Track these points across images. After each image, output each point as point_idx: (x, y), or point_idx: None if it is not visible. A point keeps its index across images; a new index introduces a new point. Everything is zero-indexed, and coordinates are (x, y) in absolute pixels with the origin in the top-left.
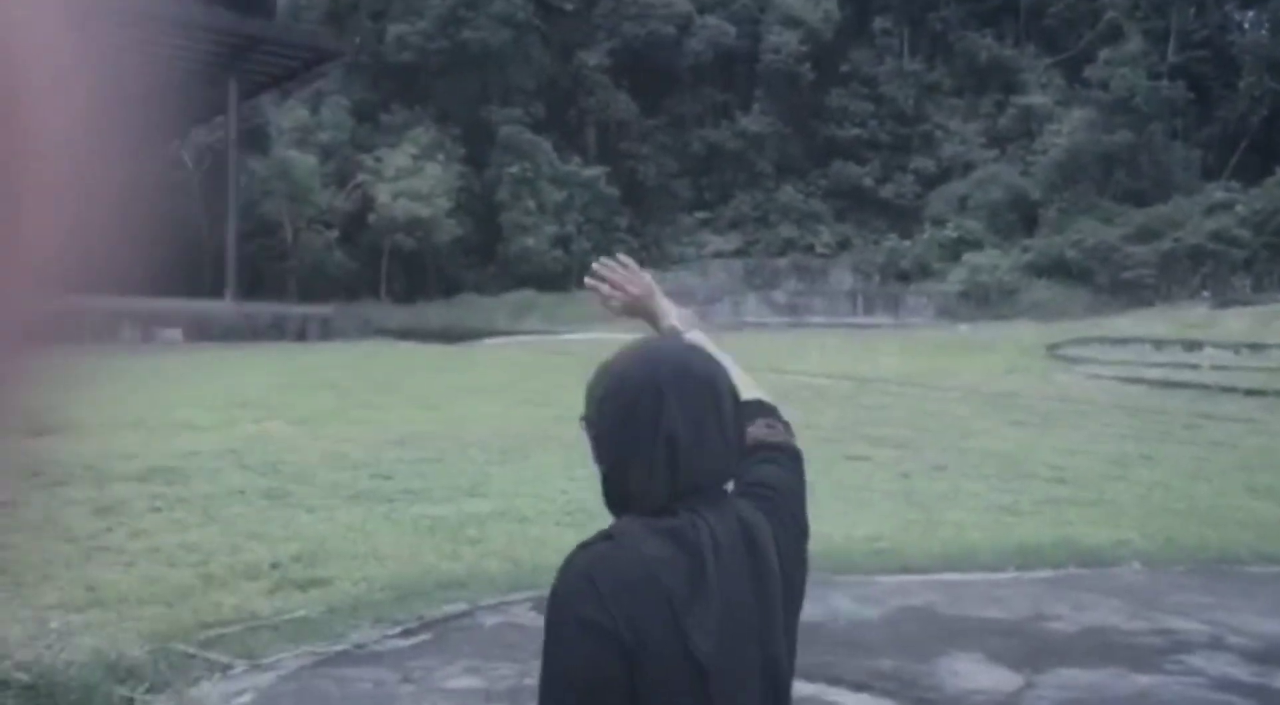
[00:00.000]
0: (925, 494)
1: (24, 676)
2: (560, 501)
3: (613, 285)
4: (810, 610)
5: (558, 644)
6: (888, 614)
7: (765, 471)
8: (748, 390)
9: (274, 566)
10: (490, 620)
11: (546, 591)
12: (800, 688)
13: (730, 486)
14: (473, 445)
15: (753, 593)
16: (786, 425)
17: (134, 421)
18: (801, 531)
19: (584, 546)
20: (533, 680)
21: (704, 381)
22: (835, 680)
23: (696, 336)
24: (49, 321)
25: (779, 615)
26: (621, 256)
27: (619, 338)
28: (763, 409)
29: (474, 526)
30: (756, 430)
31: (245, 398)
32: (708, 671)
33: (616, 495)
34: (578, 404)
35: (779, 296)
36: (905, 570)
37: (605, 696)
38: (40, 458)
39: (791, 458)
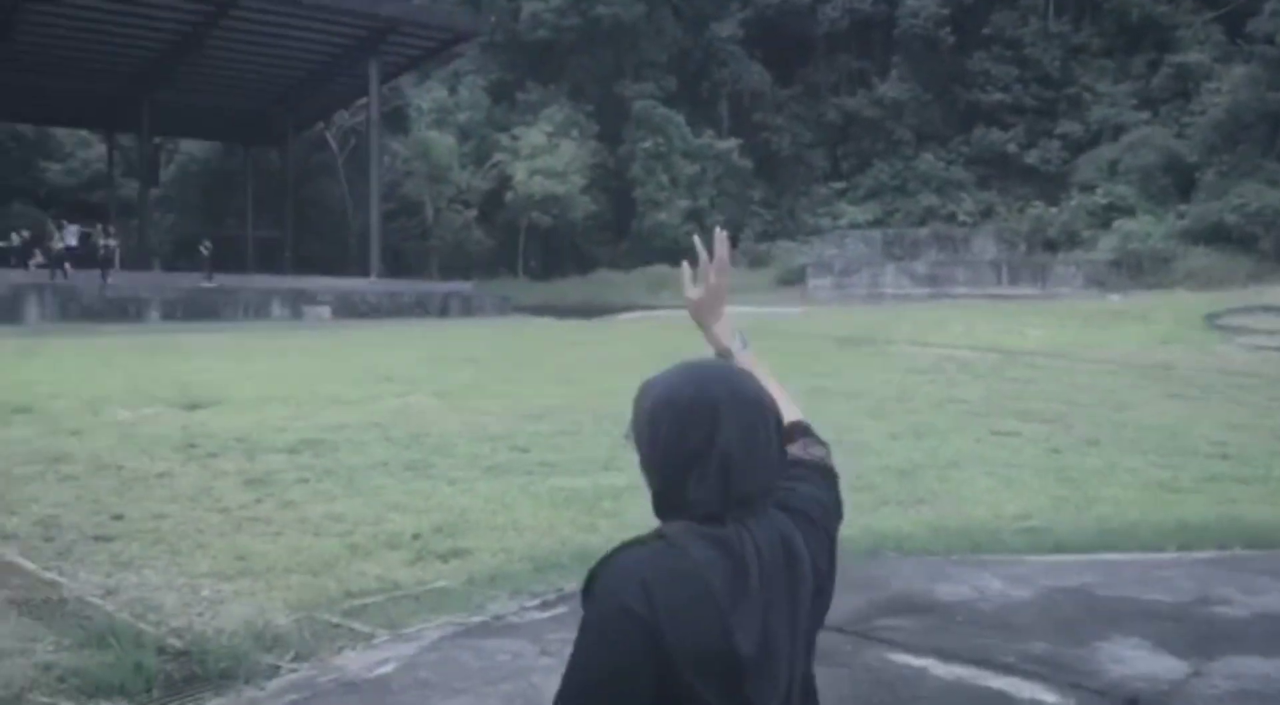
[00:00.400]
0: (1077, 470)
1: (177, 643)
2: None
3: (709, 270)
4: (956, 589)
5: (596, 632)
6: (1040, 595)
7: (802, 489)
8: (789, 412)
9: (415, 537)
10: None
11: None
12: (948, 670)
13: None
14: (609, 419)
15: (788, 602)
16: (824, 445)
17: (284, 396)
18: (833, 546)
19: (630, 544)
20: None
21: (754, 402)
22: (984, 663)
23: (748, 358)
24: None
25: (806, 624)
26: (719, 234)
27: (749, 311)
28: (801, 430)
29: (610, 499)
30: (795, 449)
31: (390, 372)
32: (748, 672)
33: (668, 505)
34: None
35: (919, 267)
36: (1058, 549)
37: (628, 685)
38: (196, 431)
39: (825, 477)
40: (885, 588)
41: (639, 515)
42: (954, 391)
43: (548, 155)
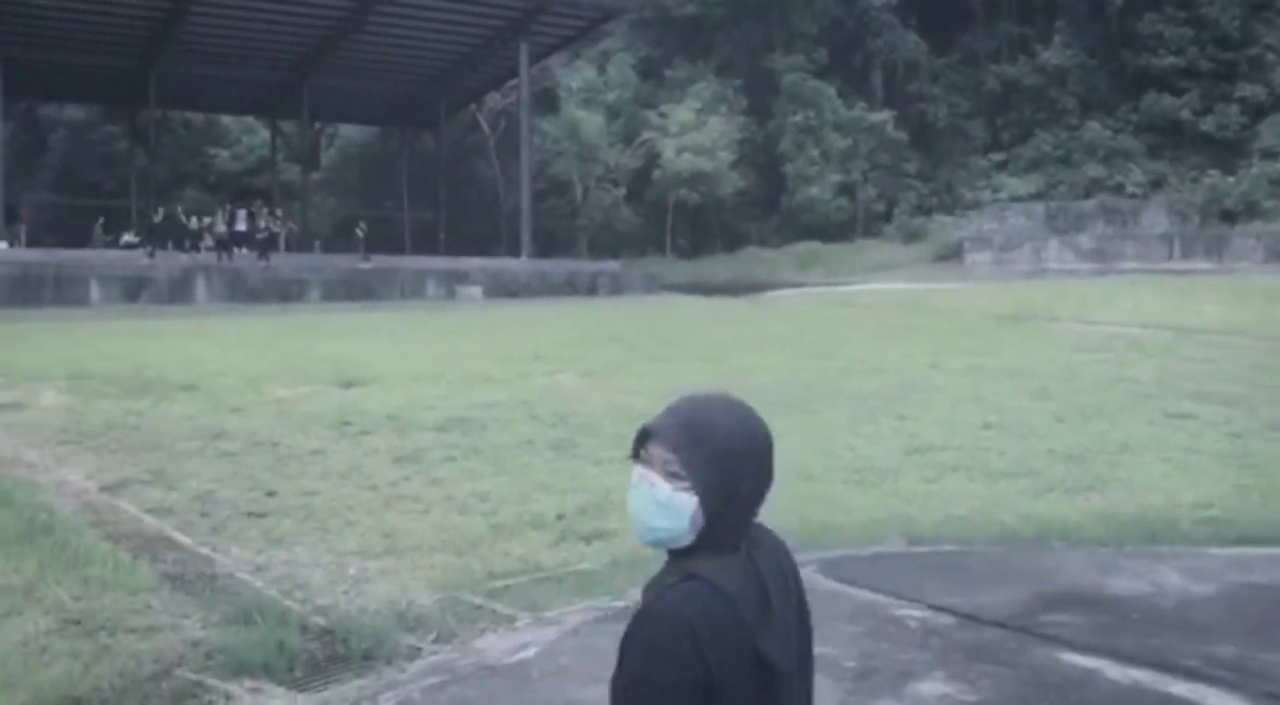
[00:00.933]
0: (1263, 456)
1: (321, 621)
2: (847, 459)
3: None
4: (1131, 584)
5: (648, 684)
6: (1225, 591)
7: None
8: None
9: (559, 517)
10: None
11: (835, 553)
12: (1123, 673)
13: None
14: (756, 398)
15: (796, 617)
16: None
17: (435, 374)
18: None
19: (673, 588)
20: (819, 649)
21: (765, 441)
22: (1164, 666)
23: None
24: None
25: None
26: None
27: (903, 288)
28: None
29: None
30: None
31: (538, 351)
32: (782, 677)
33: (705, 541)
34: (865, 357)
35: (1084, 241)
36: (1243, 541)
37: None
38: (349, 409)
39: None
40: (1051, 580)
41: (787, 501)
42: (1123, 371)
43: (696, 132)
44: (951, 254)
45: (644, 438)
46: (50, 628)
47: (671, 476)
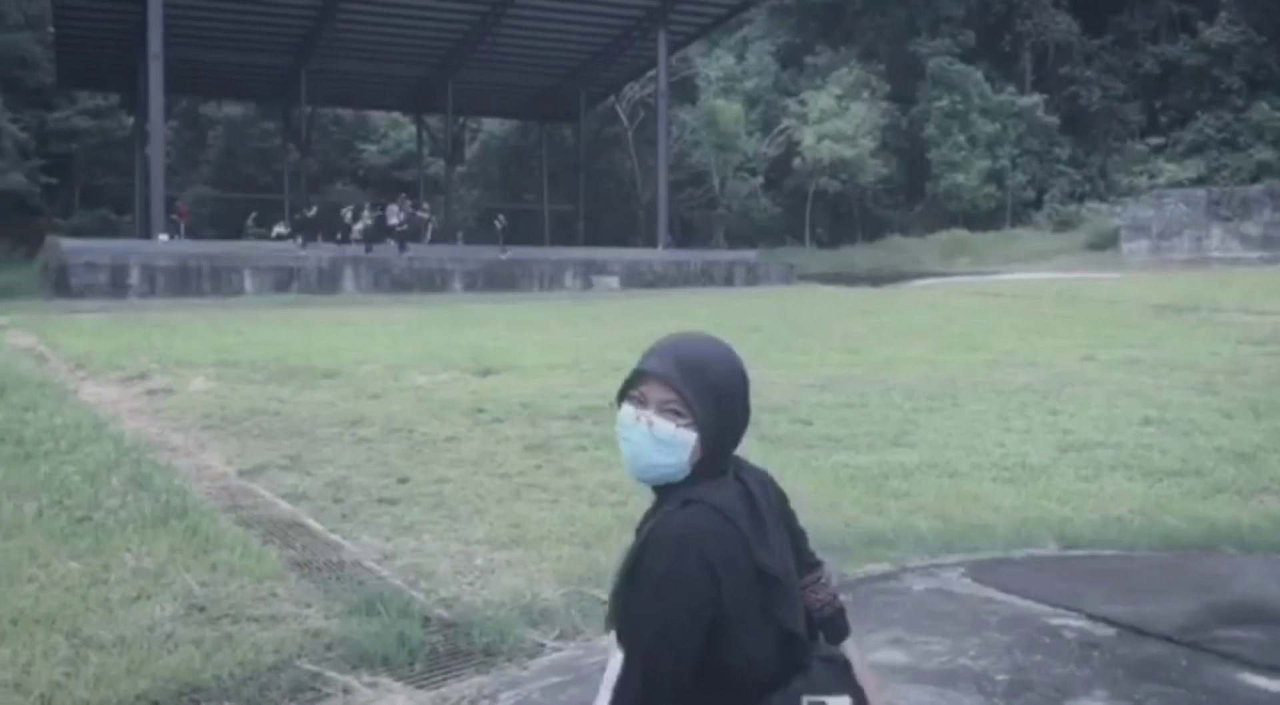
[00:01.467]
0: None
1: (445, 613)
2: (995, 455)
3: None
4: None
5: (665, 595)
6: None
7: None
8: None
9: None
10: (919, 584)
11: (983, 556)
12: None
13: None
14: (898, 391)
15: (786, 531)
16: None
17: (570, 363)
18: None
19: (676, 513)
20: (968, 660)
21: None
22: None
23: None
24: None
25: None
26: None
27: (1055, 277)
28: None
29: (899, 478)
30: None
31: None
32: (776, 592)
33: (706, 467)
34: (1015, 349)
35: (1251, 228)
36: None
37: (691, 636)
38: (484, 396)
39: None
40: (1226, 591)
41: (932, 497)
42: None
43: (837, 118)
44: (1106, 243)
45: (636, 379)
46: (176, 613)
47: (671, 414)
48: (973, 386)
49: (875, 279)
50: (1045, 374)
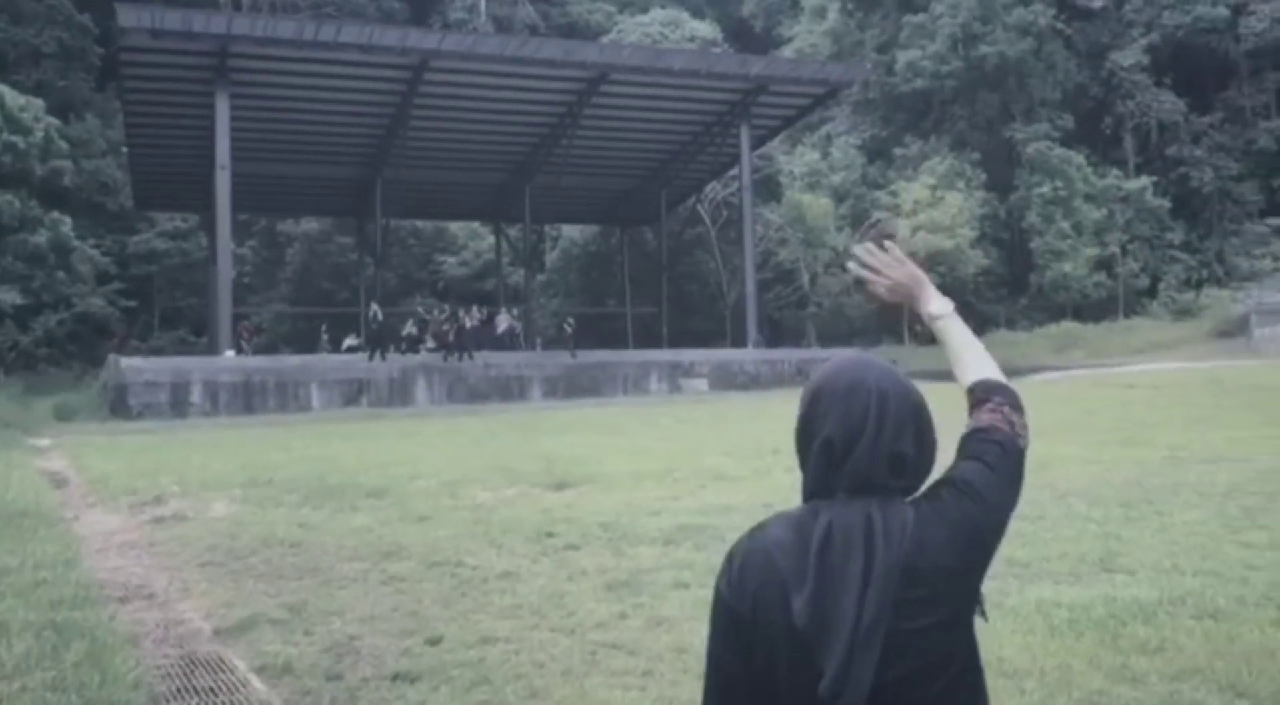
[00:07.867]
0: None
1: None
2: (1254, 583)
3: (874, 270)
4: None
5: (711, 611)
6: None
7: (963, 469)
8: (983, 371)
9: None
10: None
11: None
12: None
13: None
14: (1074, 496)
15: (859, 581)
16: (1021, 411)
17: (659, 472)
18: (977, 531)
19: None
20: None
21: (870, 390)
22: None
23: (946, 307)
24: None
25: (888, 601)
26: (887, 243)
27: (1187, 366)
28: (992, 388)
29: (1140, 622)
30: (984, 413)
31: (776, 444)
32: (802, 634)
33: (806, 489)
34: (1184, 443)
35: None
36: None
37: (731, 655)
38: (557, 515)
39: (1005, 450)
40: None
41: (1198, 650)
42: None
43: (932, 209)
44: (1235, 329)
45: None
46: None
47: None
48: (1168, 489)
49: None
50: (1249, 471)
